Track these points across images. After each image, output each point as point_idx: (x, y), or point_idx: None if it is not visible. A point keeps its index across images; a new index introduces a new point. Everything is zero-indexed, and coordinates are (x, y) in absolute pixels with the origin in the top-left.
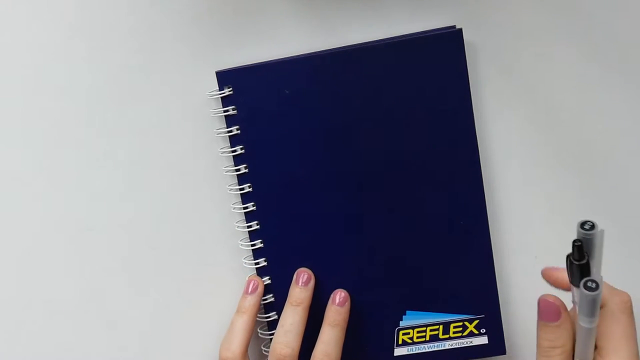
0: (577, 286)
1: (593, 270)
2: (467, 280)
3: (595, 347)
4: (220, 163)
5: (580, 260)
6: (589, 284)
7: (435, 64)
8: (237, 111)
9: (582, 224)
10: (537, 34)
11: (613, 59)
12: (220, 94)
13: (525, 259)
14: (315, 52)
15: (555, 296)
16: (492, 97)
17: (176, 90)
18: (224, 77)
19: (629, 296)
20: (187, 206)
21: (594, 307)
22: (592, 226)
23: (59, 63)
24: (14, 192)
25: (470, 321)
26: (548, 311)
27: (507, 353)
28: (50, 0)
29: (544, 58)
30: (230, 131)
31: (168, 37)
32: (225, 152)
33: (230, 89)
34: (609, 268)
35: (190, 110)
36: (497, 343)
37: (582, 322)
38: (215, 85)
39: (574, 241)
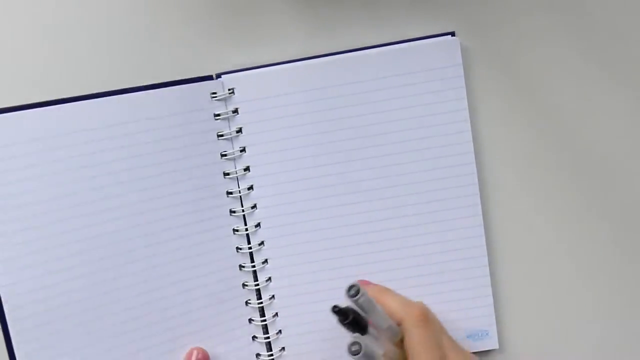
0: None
1: (372, 319)
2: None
3: None
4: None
5: (345, 321)
6: (353, 348)
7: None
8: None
9: (348, 290)
10: (535, 38)
11: (612, 62)
12: (222, 96)
13: (520, 258)
14: (314, 56)
15: None
16: (489, 101)
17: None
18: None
19: (421, 308)
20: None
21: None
22: (357, 291)
23: (58, 63)
24: None
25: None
26: None
27: (498, 347)
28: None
29: (542, 62)
30: (231, 133)
31: (168, 40)
32: (226, 154)
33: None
34: (609, 268)
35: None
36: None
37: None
38: (216, 87)
39: (332, 308)
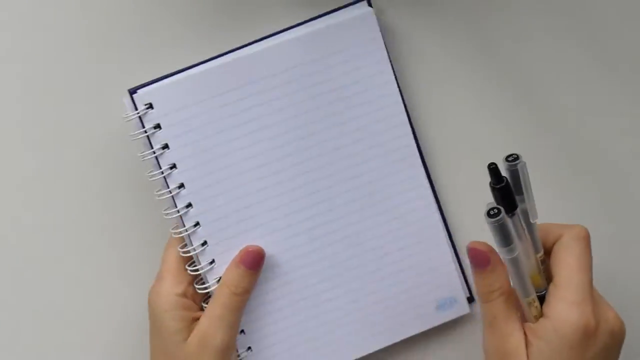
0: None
1: (525, 198)
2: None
3: (552, 278)
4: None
5: (499, 184)
6: (491, 211)
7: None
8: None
9: (506, 157)
10: (544, 35)
11: (611, 60)
12: (138, 113)
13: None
14: (229, 52)
15: (483, 242)
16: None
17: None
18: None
19: (584, 228)
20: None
21: (504, 236)
22: (516, 157)
23: None
24: None
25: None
26: (478, 258)
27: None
28: None
29: (544, 57)
30: (155, 152)
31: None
32: (154, 174)
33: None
34: (608, 268)
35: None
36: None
37: (501, 254)
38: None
39: (489, 165)
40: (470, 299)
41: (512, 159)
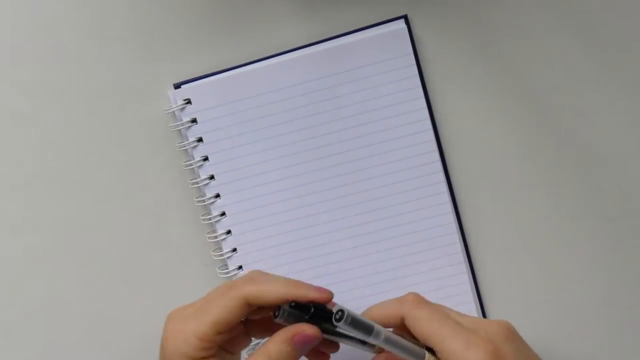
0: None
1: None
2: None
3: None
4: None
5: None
6: (336, 315)
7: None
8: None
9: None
10: (542, 35)
11: (609, 58)
12: (177, 107)
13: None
14: (265, 58)
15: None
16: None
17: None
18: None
19: (412, 295)
20: (156, 223)
21: (362, 328)
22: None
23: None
24: None
25: None
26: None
27: None
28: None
29: (541, 57)
30: (191, 143)
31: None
32: (188, 164)
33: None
34: (608, 268)
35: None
36: None
37: (373, 342)
38: (172, 99)
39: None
40: None
41: (339, 316)
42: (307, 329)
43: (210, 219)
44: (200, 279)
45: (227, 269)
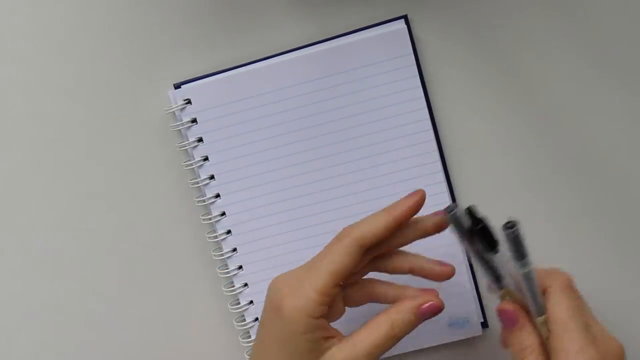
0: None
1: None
2: None
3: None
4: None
5: (478, 225)
6: (508, 223)
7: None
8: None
9: (505, 224)
10: (542, 35)
11: (611, 60)
12: (179, 106)
13: None
14: (265, 58)
15: (510, 302)
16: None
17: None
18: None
19: (566, 276)
20: (156, 223)
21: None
22: (513, 224)
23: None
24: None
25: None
26: (507, 318)
27: (481, 334)
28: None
29: (541, 57)
30: (191, 143)
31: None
32: (189, 164)
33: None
34: (608, 268)
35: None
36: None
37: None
38: (172, 99)
39: (467, 209)
40: (484, 324)
41: (510, 225)
42: (435, 299)
43: (210, 219)
44: (201, 279)
45: (227, 269)
